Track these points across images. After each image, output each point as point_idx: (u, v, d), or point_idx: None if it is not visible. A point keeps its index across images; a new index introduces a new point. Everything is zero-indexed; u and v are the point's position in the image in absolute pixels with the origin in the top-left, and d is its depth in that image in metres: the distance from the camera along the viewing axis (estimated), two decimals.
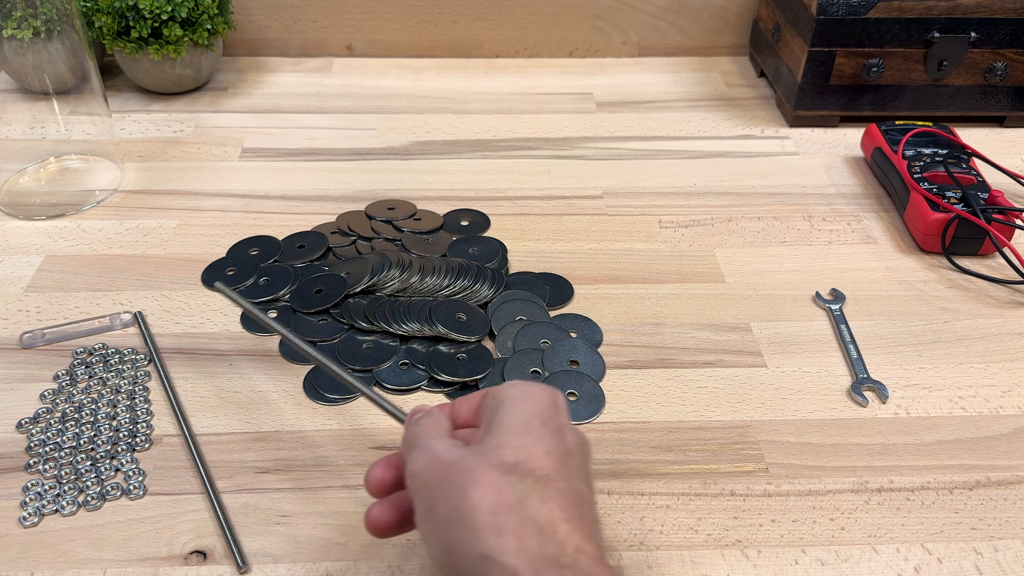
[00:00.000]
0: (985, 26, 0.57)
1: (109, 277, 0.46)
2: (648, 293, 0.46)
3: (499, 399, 0.26)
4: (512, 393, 0.26)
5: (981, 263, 0.49)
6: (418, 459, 0.24)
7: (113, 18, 0.58)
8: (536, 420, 0.25)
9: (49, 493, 0.34)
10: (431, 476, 0.24)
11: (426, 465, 0.24)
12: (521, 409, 0.25)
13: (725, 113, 0.64)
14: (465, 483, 0.22)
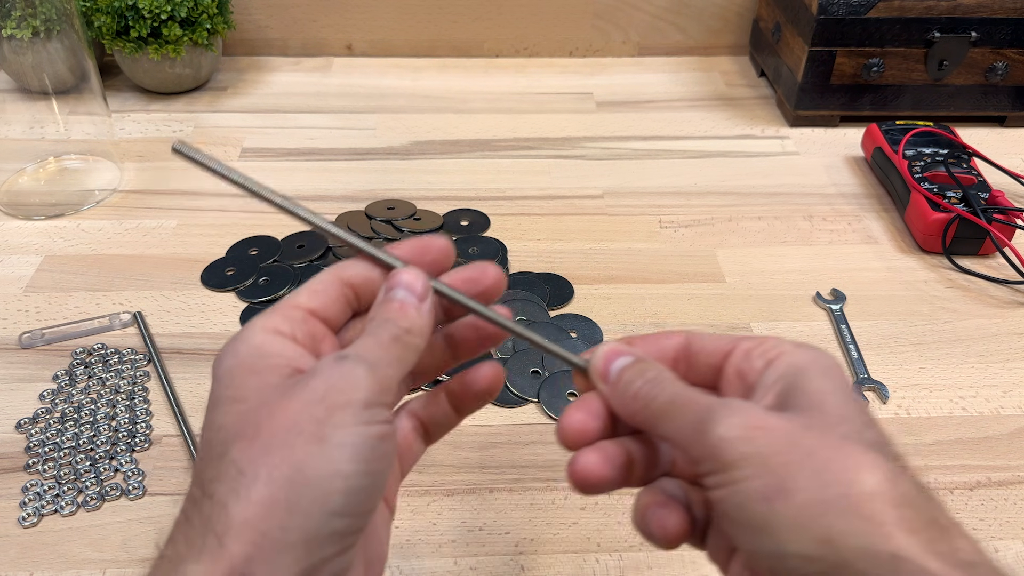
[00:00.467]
0: (986, 26, 0.57)
1: (108, 277, 0.46)
2: (648, 293, 0.46)
3: (792, 365, 0.20)
4: (807, 357, 0.21)
5: (982, 263, 0.48)
6: (731, 423, 0.19)
7: (112, 18, 0.58)
8: (851, 392, 0.20)
9: (48, 493, 0.34)
10: (770, 448, 0.18)
11: (750, 432, 0.18)
12: (834, 378, 0.20)
13: (725, 113, 0.64)
14: (848, 465, 0.18)
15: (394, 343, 0.21)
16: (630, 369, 0.22)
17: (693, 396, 0.20)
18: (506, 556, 0.33)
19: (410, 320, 0.21)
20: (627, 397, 0.21)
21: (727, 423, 0.19)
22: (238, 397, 0.20)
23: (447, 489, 0.35)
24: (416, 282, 0.22)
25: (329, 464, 0.18)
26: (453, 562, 0.32)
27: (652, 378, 0.21)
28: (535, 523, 0.34)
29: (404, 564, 0.32)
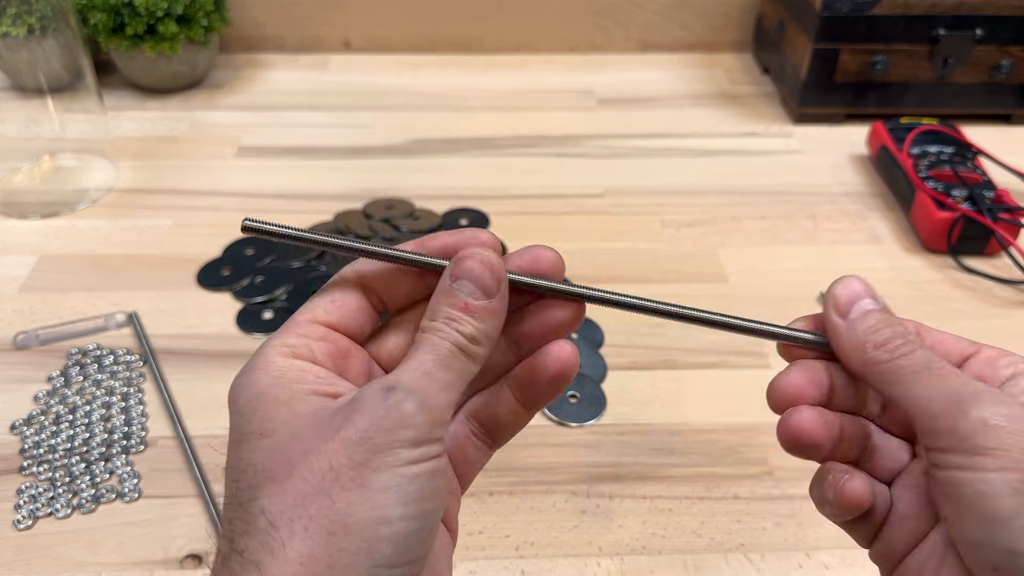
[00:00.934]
0: (991, 23, 0.56)
1: (104, 277, 0.45)
2: (650, 293, 0.45)
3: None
4: None
5: (987, 262, 0.48)
6: (997, 410, 0.17)
7: (108, 15, 0.58)
8: None
9: (43, 496, 0.34)
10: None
11: (1018, 425, 0.17)
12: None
13: (728, 110, 0.63)
14: None
15: (454, 358, 0.18)
16: (877, 315, 0.20)
17: (952, 370, 0.19)
18: (506, 560, 0.32)
19: (476, 324, 0.18)
20: (870, 344, 0.19)
21: (994, 409, 0.17)
22: (265, 431, 0.17)
23: None
24: (485, 272, 0.18)
25: (373, 511, 0.16)
26: (452, 565, 0.32)
27: (903, 333, 0.19)
28: (536, 526, 0.33)
29: None
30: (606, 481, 0.35)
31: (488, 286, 0.19)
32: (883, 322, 0.20)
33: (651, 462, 0.36)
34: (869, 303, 0.20)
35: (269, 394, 0.18)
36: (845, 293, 0.20)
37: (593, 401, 0.38)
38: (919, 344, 0.19)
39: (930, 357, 0.19)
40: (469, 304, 0.18)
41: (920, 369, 0.19)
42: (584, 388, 0.39)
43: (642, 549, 0.32)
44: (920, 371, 0.19)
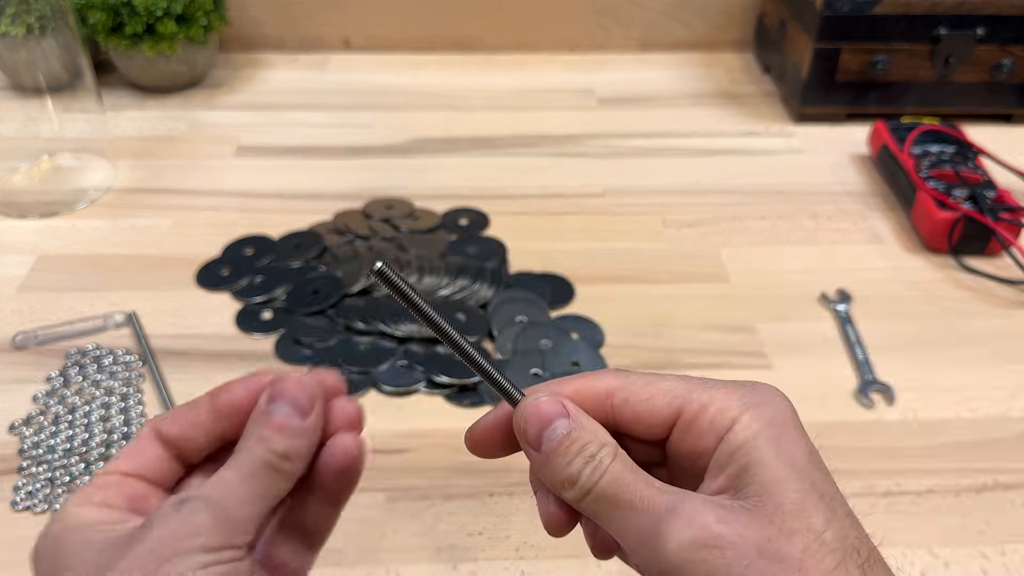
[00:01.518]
0: (992, 22, 0.56)
1: (103, 277, 0.45)
2: (651, 293, 0.45)
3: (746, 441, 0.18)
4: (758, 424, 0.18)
5: (988, 262, 0.48)
6: (683, 539, 0.17)
7: (107, 14, 0.58)
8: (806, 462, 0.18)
9: (42, 496, 0.34)
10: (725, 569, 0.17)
11: (703, 554, 0.17)
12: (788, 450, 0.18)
13: (729, 110, 0.63)
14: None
15: (261, 473, 0.18)
16: (567, 442, 0.19)
17: (641, 492, 0.18)
18: (506, 561, 0.32)
19: (288, 442, 0.19)
20: (564, 483, 0.19)
21: (679, 538, 0.17)
22: (69, 566, 0.18)
23: (446, 493, 0.35)
24: (300, 393, 0.19)
25: None
26: (452, 567, 0.32)
27: (592, 456, 0.19)
28: (536, 527, 0.33)
29: (403, 569, 0.32)
30: None
31: (302, 406, 0.19)
32: (573, 449, 0.19)
33: None
34: (559, 427, 0.19)
35: (64, 537, 0.19)
36: (533, 424, 0.20)
37: None
38: (609, 462, 0.19)
39: (617, 480, 0.19)
40: (283, 424, 0.19)
41: (610, 501, 0.19)
42: None
43: None
44: (611, 504, 0.19)
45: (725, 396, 0.19)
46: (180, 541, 0.17)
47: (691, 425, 0.19)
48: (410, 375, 0.39)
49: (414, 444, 0.37)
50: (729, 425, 0.19)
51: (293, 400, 0.19)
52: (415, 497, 0.34)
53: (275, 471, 0.19)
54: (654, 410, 0.20)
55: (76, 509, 0.19)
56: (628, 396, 0.20)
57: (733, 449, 0.18)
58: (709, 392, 0.19)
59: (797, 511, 0.17)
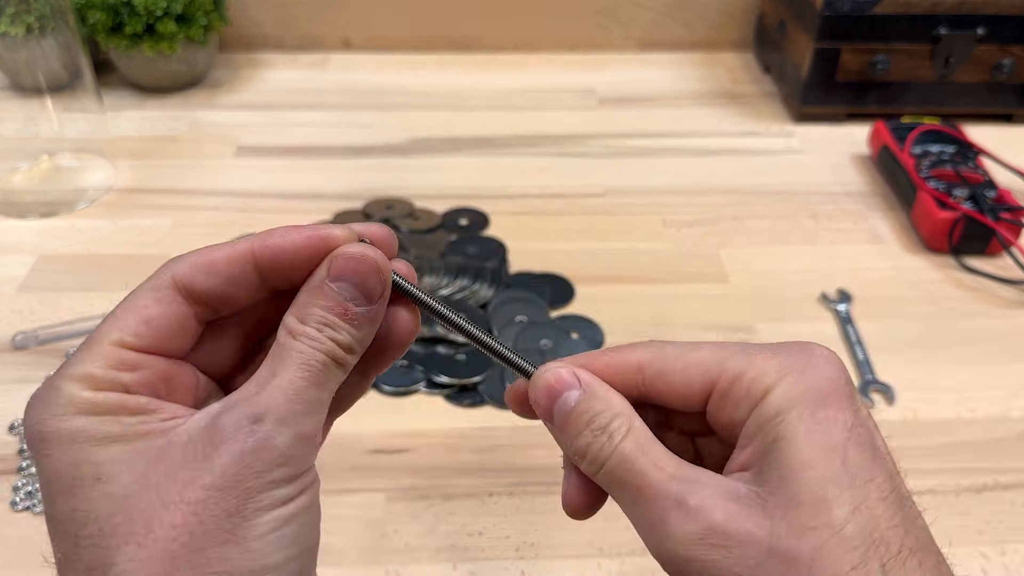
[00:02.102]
0: (992, 22, 0.56)
1: (103, 277, 0.45)
2: (651, 293, 0.45)
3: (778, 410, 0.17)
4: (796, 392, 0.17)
5: (989, 262, 0.48)
6: (687, 533, 0.16)
7: (107, 14, 0.58)
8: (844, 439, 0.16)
9: (39, 492, 0.34)
10: (731, 567, 0.16)
11: (709, 552, 0.16)
12: (822, 427, 0.16)
13: (729, 110, 0.63)
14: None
15: (327, 372, 0.16)
16: (577, 412, 0.18)
17: (650, 476, 0.17)
18: (506, 561, 0.32)
19: (355, 333, 0.16)
20: (577, 455, 0.18)
21: (684, 532, 0.16)
22: (103, 476, 0.15)
23: (446, 493, 0.35)
24: (371, 274, 0.16)
25: (253, 562, 0.14)
26: (452, 567, 0.32)
27: (602, 427, 0.18)
28: (536, 527, 0.33)
29: (403, 569, 0.32)
30: None
31: (372, 291, 0.16)
32: (582, 421, 0.18)
33: None
34: (570, 397, 0.18)
35: (86, 433, 0.15)
36: (543, 395, 0.18)
37: None
38: (621, 437, 0.18)
39: (628, 458, 0.17)
40: (349, 310, 0.16)
41: (619, 481, 0.18)
42: None
43: (642, 550, 0.32)
44: (620, 485, 0.18)
45: (763, 362, 0.17)
46: (260, 474, 0.15)
47: (726, 396, 0.18)
48: (410, 375, 0.39)
49: (414, 444, 0.37)
50: (763, 394, 0.17)
51: (362, 282, 0.16)
52: (415, 497, 0.34)
53: (340, 365, 0.16)
54: (689, 382, 0.18)
55: (88, 393, 0.15)
56: (663, 367, 0.18)
57: (763, 420, 0.17)
58: (747, 359, 0.18)
59: (815, 502, 0.16)
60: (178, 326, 0.16)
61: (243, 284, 0.17)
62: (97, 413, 0.15)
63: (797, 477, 0.16)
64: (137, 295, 0.17)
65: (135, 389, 0.16)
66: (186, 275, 0.17)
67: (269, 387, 0.16)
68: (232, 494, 0.15)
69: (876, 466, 0.17)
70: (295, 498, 0.15)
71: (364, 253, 0.17)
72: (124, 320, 0.16)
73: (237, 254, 0.17)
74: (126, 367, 0.16)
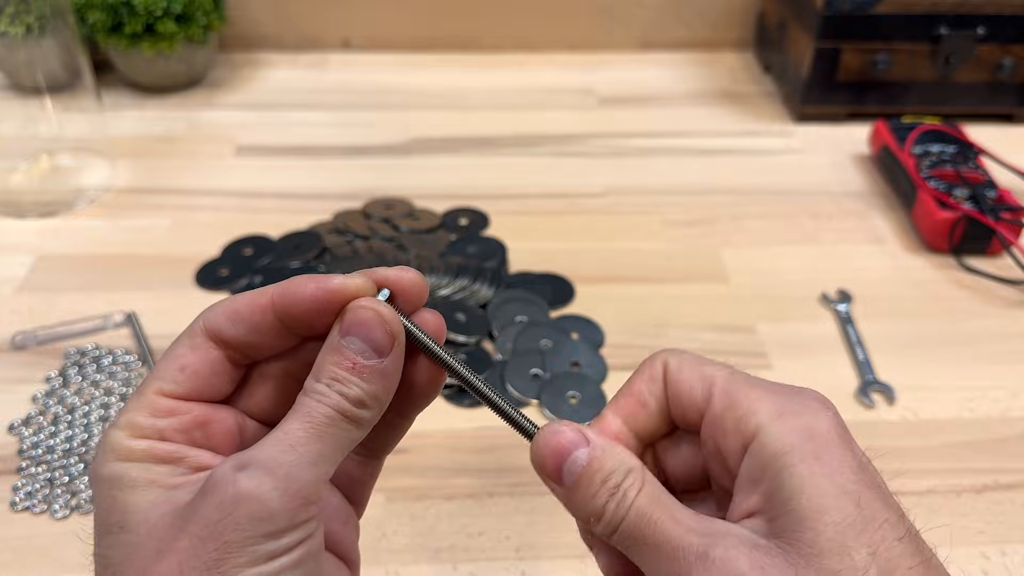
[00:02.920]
0: (993, 22, 0.56)
1: (102, 277, 0.45)
2: (651, 293, 0.45)
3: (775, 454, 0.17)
4: (790, 437, 0.17)
5: (989, 262, 0.48)
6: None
7: (106, 14, 0.58)
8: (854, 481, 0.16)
9: (41, 496, 0.34)
10: None
11: None
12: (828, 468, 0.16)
13: (730, 109, 0.63)
14: None
15: (332, 426, 0.16)
16: (589, 472, 0.17)
17: (669, 532, 0.17)
18: (506, 561, 0.32)
19: (365, 386, 0.16)
20: (592, 518, 0.17)
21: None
22: (125, 524, 0.15)
23: (446, 493, 0.35)
24: (377, 326, 0.16)
25: None
26: (452, 567, 0.32)
27: (616, 486, 0.17)
28: (536, 528, 0.33)
29: (403, 570, 0.32)
30: None
31: (380, 343, 0.16)
32: (597, 480, 0.17)
33: None
34: (579, 456, 0.18)
35: (121, 480, 0.15)
36: (549, 456, 0.18)
37: (594, 402, 0.38)
38: (635, 494, 0.17)
39: (644, 516, 0.17)
40: (357, 363, 0.16)
41: (637, 540, 0.17)
42: (584, 388, 0.39)
43: None
44: (638, 543, 0.17)
45: (758, 398, 0.18)
46: (242, 527, 0.14)
47: (717, 422, 0.18)
48: None
49: (414, 444, 0.37)
50: (753, 432, 0.17)
51: (369, 336, 0.16)
52: (415, 497, 0.34)
53: (350, 420, 0.16)
54: (692, 390, 0.18)
55: (129, 442, 0.16)
56: (678, 369, 0.19)
57: (764, 463, 0.17)
58: (743, 388, 0.18)
59: (836, 549, 0.16)
60: (212, 371, 0.17)
61: (268, 332, 0.17)
62: (132, 460, 0.16)
63: (813, 524, 0.16)
64: (175, 344, 0.17)
65: (170, 435, 0.16)
66: (214, 323, 0.17)
67: (267, 439, 0.16)
68: (212, 546, 0.14)
69: (888, 508, 0.17)
70: (282, 555, 0.15)
71: (372, 308, 0.17)
72: (163, 369, 0.17)
73: (257, 304, 0.17)
74: (163, 413, 0.16)
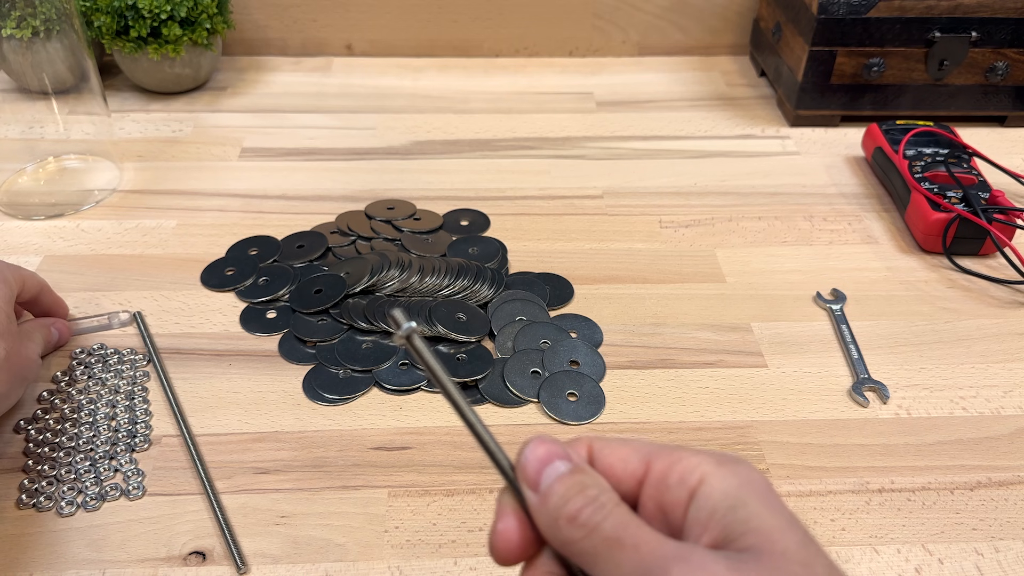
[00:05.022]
0: (986, 25, 0.57)
1: (108, 277, 0.46)
2: (648, 293, 0.46)
3: (724, 494, 0.18)
4: (735, 482, 0.18)
5: (982, 263, 0.48)
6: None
7: (112, 17, 0.58)
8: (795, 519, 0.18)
9: (48, 493, 0.34)
10: None
11: None
12: (774, 504, 0.18)
13: (726, 112, 0.64)
14: None
15: None
16: (567, 481, 0.18)
17: (646, 536, 0.17)
18: None
19: None
20: (563, 519, 0.18)
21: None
22: None
23: (447, 489, 0.35)
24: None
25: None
26: (453, 562, 0.32)
27: (594, 498, 0.18)
28: None
29: (404, 564, 0.32)
30: None
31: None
32: (574, 487, 0.18)
33: None
34: (558, 467, 0.19)
35: None
36: (533, 460, 0.19)
37: (592, 400, 0.39)
38: (612, 505, 0.18)
39: (622, 523, 0.18)
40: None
41: (613, 542, 0.18)
42: (583, 387, 0.39)
43: None
44: (613, 546, 0.18)
45: (694, 455, 0.19)
46: None
47: (661, 480, 0.19)
48: (411, 374, 0.40)
49: (416, 441, 0.37)
50: (699, 480, 0.18)
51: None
52: (416, 493, 0.35)
53: None
54: (626, 462, 0.20)
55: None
56: (603, 447, 0.20)
57: (713, 504, 0.18)
58: (678, 451, 0.19)
59: (805, 559, 0.17)
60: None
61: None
62: None
63: (778, 538, 0.17)
64: None
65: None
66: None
67: None
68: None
69: (826, 556, 0.18)
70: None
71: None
72: None
73: None
74: None
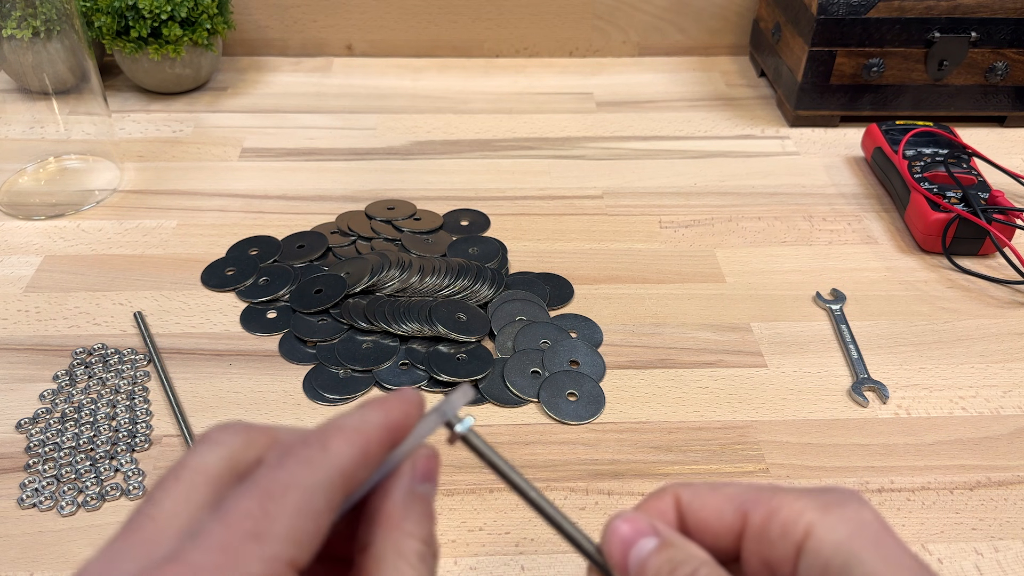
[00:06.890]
0: (986, 26, 0.57)
1: (108, 277, 0.46)
2: (648, 293, 0.46)
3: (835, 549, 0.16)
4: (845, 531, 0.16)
5: (982, 263, 0.48)
6: None
7: (112, 18, 0.58)
8: (916, 564, 0.16)
9: (48, 492, 0.34)
10: None
11: None
12: (889, 550, 0.16)
13: (725, 113, 0.64)
14: None
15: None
16: (656, 560, 0.17)
17: None
18: (506, 556, 0.33)
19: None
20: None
21: None
22: None
23: (447, 489, 0.35)
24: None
25: None
26: (453, 562, 0.32)
27: (689, 575, 0.16)
28: (535, 523, 0.34)
29: None
30: (605, 478, 0.35)
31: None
32: (665, 567, 0.17)
33: (649, 459, 0.36)
34: (645, 545, 0.17)
35: None
36: (617, 543, 0.17)
37: (592, 399, 0.39)
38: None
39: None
40: None
41: None
42: (583, 387, 0.39)
43: None
44: None
45: (796, 498, 0.17)
46: None
47: (762, 533, 0.17)
48: (411, 374, 0.40)
49: None
50: (805, 533, 0.16)
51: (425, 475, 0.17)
52: None
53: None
54: (720, 516, 0.18)
55: None
56: (692, 500, 0.18)
57: (826, 559, 0.16)
58: (777, 495, 0.17)
59: None
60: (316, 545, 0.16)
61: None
62: None
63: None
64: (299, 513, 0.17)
65: None
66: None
67: None
68: None
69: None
70: None
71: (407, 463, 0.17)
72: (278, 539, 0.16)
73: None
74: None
